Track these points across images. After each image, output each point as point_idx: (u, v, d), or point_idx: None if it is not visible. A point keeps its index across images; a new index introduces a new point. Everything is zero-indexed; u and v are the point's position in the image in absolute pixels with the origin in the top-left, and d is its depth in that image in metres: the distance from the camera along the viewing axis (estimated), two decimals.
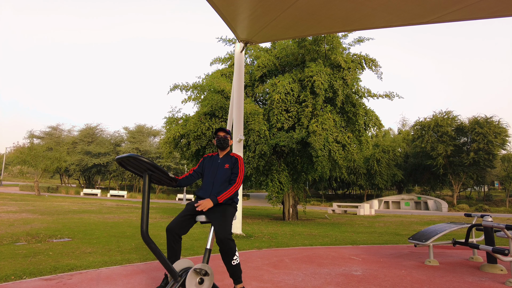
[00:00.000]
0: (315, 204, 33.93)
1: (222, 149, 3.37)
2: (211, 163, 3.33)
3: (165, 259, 2.49)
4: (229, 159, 3.33)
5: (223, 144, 3.36)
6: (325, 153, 11.85)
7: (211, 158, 3.41)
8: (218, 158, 3.35)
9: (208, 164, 3.36)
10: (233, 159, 3.33)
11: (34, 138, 41.91)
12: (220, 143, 3.36)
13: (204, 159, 3.44)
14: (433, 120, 29.46)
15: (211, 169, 3.27)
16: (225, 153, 3.37)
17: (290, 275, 4.15)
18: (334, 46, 13.03)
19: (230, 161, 3.30)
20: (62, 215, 12.02)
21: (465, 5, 2.33)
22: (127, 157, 2.26)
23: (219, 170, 3.23)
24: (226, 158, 3.33)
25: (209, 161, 3.37)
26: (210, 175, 3.23)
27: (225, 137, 3.37)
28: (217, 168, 3.25)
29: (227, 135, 3.40)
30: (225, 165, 3.25)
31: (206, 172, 3.29)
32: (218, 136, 3.37)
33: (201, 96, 14.22)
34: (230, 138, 3.48)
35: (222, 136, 3.36)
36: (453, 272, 4.50)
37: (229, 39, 14.78)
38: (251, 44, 3.39)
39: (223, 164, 3.25)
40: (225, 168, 3.23)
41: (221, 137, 3.36)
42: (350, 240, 7.97)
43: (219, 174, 3.21)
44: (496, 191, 39.77)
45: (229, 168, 3.24)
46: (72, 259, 4.78)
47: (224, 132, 3.41)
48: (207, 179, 3.23)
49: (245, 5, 2.53)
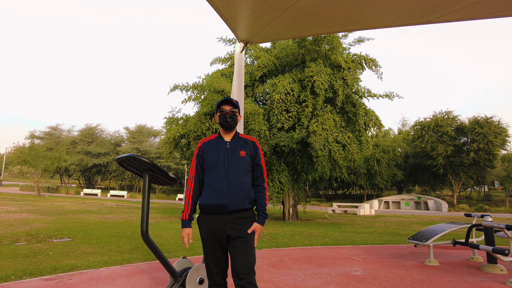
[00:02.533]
0: (315, 204, 33.91)
1: (229, 129, 2.34)
2: (215, 150, 2.30)
3: (165, 259, 2.50)
4: (243, 143, 2.35)
5: (230, 123, 2.30)
6: (325, 153, 11.85)
7: (211, 143, 2.34)
8: (224, 141, 2.32)
9: (211, 152, 2.29)
10: (249, 143, 2.36)
11: (34, 138, 41.92)
12: (226, 121, 2.30)
13: (201, 148, 2.35)
14: (433, 120, 29.45)
15: (220, 158, 2.24)
16: (232, 134, 2.37)
17: (290, 275, 4.14)
18: (334, 46, 13.03)
19: (246, 146, 2.33)
20: (62, 215, 12.02)
21: (465, 5, 2.33)
22: (127, 157, 2.26)
23: (233, 158, 2.25)
24: (237, 141, 2.34)
25: (211, 148, 2.31)
26: (220, 167, 2.21)
27: (233, 112, 2.33)
28: (228, 156, 2.25)
29: (235, 109, 2.35)
30: (240, 151, 2.28)
31: (211, 164, 2.25)
32: (223, 111, 2.32)
33: (201, 96, 14.22)
34: (239, 114, 2.39)
35: (229, 111, 2.32)
36: (453, 272, 4.50)
37: (229, 39, 14.79)
38: (251, 44, 3.38)
39: (236, 150, 2.29)
40: (241, 156, 2.27)
41: (227, 112, 2.31)
42: (350, 240, 7.97)
43: (234, 164, 2.23)
44: (496, 191, 39.74)
45: (247, 156, 2.29)
46: (72, 259, 4.78)
47: (232, 104, 2.35)
48: (217, 173, 2.21)
49: (245, 5, 2.52)
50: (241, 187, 2.20)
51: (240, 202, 2.18)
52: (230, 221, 2.18)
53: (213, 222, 2.20)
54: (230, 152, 2.27)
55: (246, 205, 2.22)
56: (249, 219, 2.25)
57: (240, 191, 2.19)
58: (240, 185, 2.20)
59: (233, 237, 2.17)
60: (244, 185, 2.22)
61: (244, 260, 2.13)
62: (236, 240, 2.17)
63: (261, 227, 2.27)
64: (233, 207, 2.17)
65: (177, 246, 6.27)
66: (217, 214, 2.19)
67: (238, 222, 2.19)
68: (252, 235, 2.22)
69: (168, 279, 3.37)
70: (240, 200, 2.18)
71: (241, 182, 2.21)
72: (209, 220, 2.21)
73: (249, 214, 2.26)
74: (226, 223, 2.17)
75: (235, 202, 2.17)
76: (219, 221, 2.18)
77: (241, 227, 2.18)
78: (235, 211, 2.19)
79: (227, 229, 2.17)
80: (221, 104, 2.37)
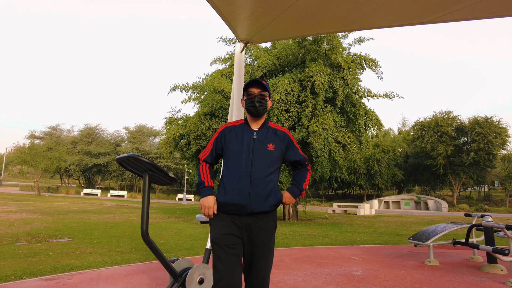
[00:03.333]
0: (315, 204, 33.91)
1: (257, 116, 2.01)
2: (239, 139, 1.98)
3: (165, 259, 2.49)
4: (272, 134, 2.03)
5: (258, 108, 1.98)
6: (325, 153, 11.86)
7: (235, 130, 2.03)
8: (251, 130, 2.01)
9: (234, 140, 1.99)
10: (280, 134, 2.05)
11: (34, 138, 41.93)
12: (254, 105, 1.98)
13: (222, 133, 2.05)
14: (433, 120, 29.45)
15: (244, 150, 1.93)
16: (261, 122, 2.05)
17: (290, 275, 4.14)
18: (334, 46, 13.03)
19: (276, 139, 2.01)
20: (62, 215, 12.02)
21: (465, 5, 2.33)
22: (127, 157, 2.26)
23: (259, 151, 1.93)
24: (265, 131, 2.02)
25: (235, 136, 2.00)
26: (243, 161, 1.90)
27: (262, 95, 2.00)
28: (254, 148, 1.94)
29: (264, 91, 2.01)
30: (268, 144, 1.96)
31: (232, 154, 1.95)
32: (251, 94, 2.00)
33: (201, 96, 14.22)
34: (269, 97, 2.06)
35: (257, 94, 1.99)
36: (453, 272, 4.50)
37: (229, 39, 14.79)
38: (251, 44, 3.38)
39: (264, 142, 1.97)
40: (268, 150, 1.95)
41: (255, 96, 1.99)
42: (350, 240, 7.97)
43: (259, 158, 1.92)
44: (496, 191, 39.75)
45: (276, 151, 1.97)
46: (72, 259, 4.78)
47: (261, 86, 2.02)
48: (238, 167, 1.90)
49: (245, 5, 2.52)
50: (265, 186, 1.89)
51: (262, 204, 1.89)
52: (248, 225, 1.91)
53: (229, 222, 1.92)
54: (256, 144, 1.94)
55: (268, 207, 1.92)
56: (271, 224, 1.98)
57: (263, 190, 1.88)
58: (264, 184, 1.89)
59: (250, 244, 1.93)
60: (268, 184, 1.90)
61: (259, 273, 1.92)
62: (254, 248, 1.93)
63: (290, 197, 2.03)
64: (253, 209, 1.88)
65: (177, 246, 6.27)
66: (235, 214, 1.92)
67: (257, 227, 1.92)
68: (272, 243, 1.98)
69: (168, 279, 3.37)
70: (262, 201, 1.88)
71: (266, 181, 1.89)
72: (224, 220, 1.93)
73: (271, 218, 1.98)
74: (244, 226, 1.91)
75: (256, 203, 1.87)
76: (236, 223, 1.91)
77: (260, 234, 1.93)
78: (256, 213, 1.90)
79: (244, 233, 1.92)
80: (248, 86, 2.02)
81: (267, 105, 2.03)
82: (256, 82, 2.02)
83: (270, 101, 2.07)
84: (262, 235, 1.93)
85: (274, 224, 2.01)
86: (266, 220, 1.95)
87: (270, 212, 1.96)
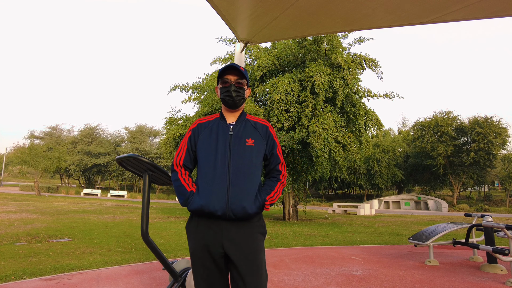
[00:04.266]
0: (315, 204, 33.91)
1: (233, 107, 1.78)
2: (214, 136, 1.75)
3: (165, 259, 2.49)
4: (251, 128, 1.79)
5: (235, 99, 1.75)
6: (325, 153, 11.86)
7: (209, 126, 1.79)
8: (226, 125, 1.77)
9: (206, 138, 1.75)
10: (259, 128, 1.80)
11: (34, 138, 41.93)
12: (230, 95, 1.74)
13: (194, 130, 1.80)
14: (433, 120, 29.45)
15: (219, 148, 1.70)
16: (237, 114, 1.82)
17: (290, 275, 4.14)
18: (334, 46, 13.03)
19: (255, 133, 1.77)
20: (62, 215, 12.02)
21: (465, 5, 2.32)
22: (127, 157, 2.26)
23: (237, 148, 1.70)
24: (242, 125, 1.79)
25: (209, 133, 1.76)
26: (219, 160, 1.67)
27: (239, 84, 1.77)
28: (231, 145, 1.71)
29: (242, 79, 1.78)
30: (247, 139, 1.73)
31: (205, 154, 1.71)
32: (226, 81, 1.77)
33: (201, 96, 14.23)
34: (247, 86, 1.83)
35: (234, 82, 1.76)
36: (453, 272, 4.50)
37: (229, 39, 14.80)
38: (251, 44, 3.37)
39: (242, 137, 1.73)
40: (247, 146, 1.72)
41: (231, 84, 1.76)
42: (350, 240, 7.97)
43: (238, 156, 1.69)
44: (496, 191, 39.75)
45: (255, 146, 1.73)
46: (72, 259, 4.78)
47: (238, 73, 1.78)
48: (213, 168, 1.67)
49: (245, 5, 2.52)
50: (246, 186, 1.65)
51: (242, 207, 1.61)
52: (228, 234, 1.63)
53: (206, 231, 1.65)
54: (233, 140, 1.71)
55: (249, 211, 1.63)
56: (257, 229, 1.69)
57: (243, 192, 1.64)
58: (245, 184, 1.65)
59: (235, 256, 1.62)
60: (249, 184, 1.66)
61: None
62: (239, 261, 1.62)
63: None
64: (232, 214, 1.61)
65: (177, 246, 6.27)
66: (212, 220, 1.65)
67: (241, 235, 1.64)
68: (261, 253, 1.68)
69: (168, 279, 3.37)
70: (242, 204, 1.61)
71: (245, 181, 1.66)
72: (201, 229, 1.66)
73: (256, 223, 1.70)
74: (223, 236, 1.63)
75: (236, 206, 1.61)
76: (214, 231, 1.64)
77: (245, 243, 1.64)
78: (237, 219, 1.63)
79: (226, 244, 1.63)
80: (224, 72, 1.77)
81: (245, 95, 1.80)
82: (233, 68, 1.76)
83: (248, 90, 1.83)
84: (248, 244, 1.64)
85: (261, 230, 1.72)
86: (250, 225, 1.67)
87: (254, 217, 1.69)
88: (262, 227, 1.73)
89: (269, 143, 1.80)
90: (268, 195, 1.72)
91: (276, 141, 1.82)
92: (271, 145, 1.80)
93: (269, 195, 1.73)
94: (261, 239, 1.71)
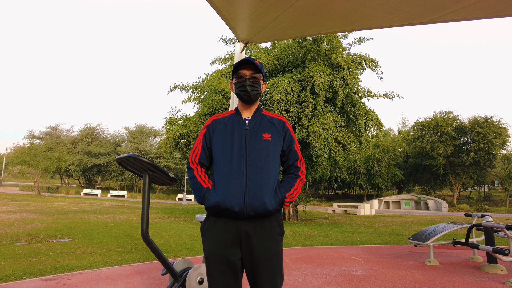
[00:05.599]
0: (315, 204, 33.91)
1: (249, 102, 1.74)
2: (229, 131, 1.71)
3: (165, 259, 2.49)
4: (267, 123, 1.75)
5: (250, 93, 1.70)
6: (325, 153, 11.86)
7: (225, 122, 1.76)
8: (242, 120, 1.74)
9: (222, 133, 1.72)
10: (276, 123, 1.76)
11: (34, 138, 41.94)
12: (245, 90, 1.69)
13: (209, 127, 1.77)
14: (433, 120, 29.46)
15: (235, 143, 1.66)
16: (253, 109, 1.78)
17: (290, 275, 4.14)
18: (334, 46, 13.03)
19: (272, 128, 1.73)
20: (62, 215, 12.02)
21: (465, 5, 2.33)
22: (127, 157, 2.26)
23: (253, 144, 1.66)
24: (259, 120, 1.75)
25: (224, 129, 1.73)
26: (235, 156, 1.63)
27: (254, 78, 1.72)
28: (247, 140, 1.67)
29: (257, 73, 1.73)
30: (263, 133, 1.69)
31: (221, 149, 1.68)
32: (241, 76, 1.72)
33: (201, 96, 14.23)
34: (263, 81, 1.79)
35: (249, 76, 1.72)
36: (453, 272, 4.50)
37: (229, 39, 14.80)
38: (251, 44, 3.38)
39: (258, 132, 1.69)
40: (264, 140, 1.67)
41: (246, 78, 1.71)
42: (350, 240, 7.97)
43: (254, 151, 1.65)
44: (496, 191, 39.75)
45: (272, 141, 1.69)
46: (72, 259, 4.78)
47: (253, 67, 1.73)
48: (229, 164, 1.63)
49: (245, 5, 2.52)
50: (263, 182, 1.59)
51: (261, 204, 1.56)
52: (247, 233, 1.59)
53: (223, 233, 1.61)
54: (249, 134, 1.67)
55: (269, 206, 1.58)
56: (275, 230, 1.64)
57: (261, 186, 1.58)
58: (262, 180, 1.59)
59: (252, 257, 1.59)
60: (267, 179, 1.60)
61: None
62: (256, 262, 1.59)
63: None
64: (250, 211, 1.56)
65: (177, 246, 6.27)
66: (229, 219, 1.60)
67: (259, 235, 1.60)
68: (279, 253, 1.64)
69: (168, 279, 3.37)
70: (261, 200, 1.56)
71: (263, 176, 1.59)
72: (217, 228, 1.62)
73: (275, 223, 1.65)
74: (241, 235, 1.59)
75: (255, 201, 1.55)
76: (231, 233, 1.60)
77: (262, 243, 1.59)
78: (255, 216, 1.58)
79: (243, 244, 1.59)
80: (239, 66, 1.71)
81: (261, 90, 1.74)
82: (248, 62, 1.70)
83: (264, 85, 1.79)
84: (265, 244, 1.59)
85: (279, 230, 1.66)
86: (269, 225, 1.62)
87: (272, 215, 1.64)
88: (280, 227, 1.68)
89: (287, 138, 1.76)
90: (287, 192, 1.69)
91: (293, 136, 1.79)
92: (289, 141, 1.76)
93: (289, 192, 1.69)
94: (279, 241, 1.67)
